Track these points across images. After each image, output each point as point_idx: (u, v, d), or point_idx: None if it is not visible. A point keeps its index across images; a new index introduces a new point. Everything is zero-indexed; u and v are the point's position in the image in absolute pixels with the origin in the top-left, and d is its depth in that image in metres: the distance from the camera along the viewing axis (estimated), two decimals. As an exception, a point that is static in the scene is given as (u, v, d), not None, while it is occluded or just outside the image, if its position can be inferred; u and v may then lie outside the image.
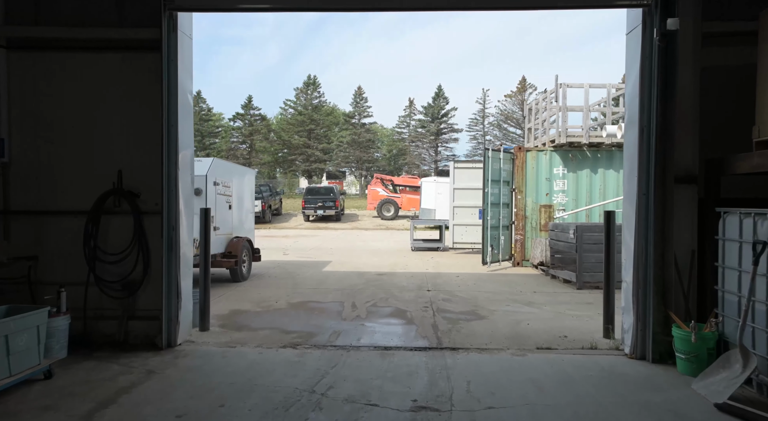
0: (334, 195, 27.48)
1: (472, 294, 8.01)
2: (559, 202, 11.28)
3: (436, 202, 25.05)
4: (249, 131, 53.20)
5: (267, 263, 11.70)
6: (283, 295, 7.84)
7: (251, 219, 10.21)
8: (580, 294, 8.06)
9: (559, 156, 11.29)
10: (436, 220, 15.55)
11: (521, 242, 11.29)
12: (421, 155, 55.21)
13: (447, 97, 53.92)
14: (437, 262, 12.24)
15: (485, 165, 10.70)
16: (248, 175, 10.12)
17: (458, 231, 13.97)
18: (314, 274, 10.13)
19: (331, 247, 15.81)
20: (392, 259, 12.83)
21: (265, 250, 14.61)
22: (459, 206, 14.00)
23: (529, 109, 13.35)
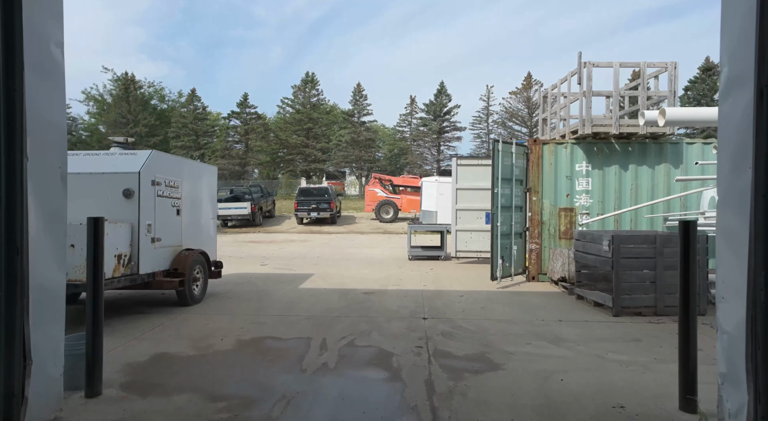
0: (329, 196, 25.71)
1: (481, 324, 6.22)
2: (582, 205, 9.48)
3: (437, 203, 23.22)
4: (245, 130, 51.51)
5: (236, 277, 9.95)
6: (236, 327, 6.07)
7: (211, 227, 8.45)
8: (620, 324, 6.26)
9: (582, 150, 9.49)
10: (436, 225, 13.75)
11: (537, 252, 9.49)
12: (423, 155, 53.40)
13: (450, 94, 52.11)
14: (437, 275, 10.45)
15: (494, 161, 8.92)
16: (207, 174, 8.36)
17: (462, 238, 12.18)
18: (287, 293, 8.36)
19: (318, 255, 14.04)
20: (386, 271, 11.05)
21: (241, 259, 12.96)
22: (463, 209, 12.21)
23: (543, 97, 11.56)
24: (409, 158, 52.78)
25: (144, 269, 6.35)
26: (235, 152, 50.82)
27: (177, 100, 60.39)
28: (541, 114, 11.67)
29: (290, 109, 54.67)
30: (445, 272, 10.92)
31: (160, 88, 61.56)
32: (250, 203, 24.51)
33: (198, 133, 52.85)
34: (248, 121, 52.14)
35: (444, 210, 23.35)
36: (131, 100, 53.42)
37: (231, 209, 24.58)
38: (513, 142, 9.31)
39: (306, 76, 54.36)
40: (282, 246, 16.56)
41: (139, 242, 6.25)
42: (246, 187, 27.51)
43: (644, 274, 6.70)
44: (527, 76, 51.87)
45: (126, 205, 6.24)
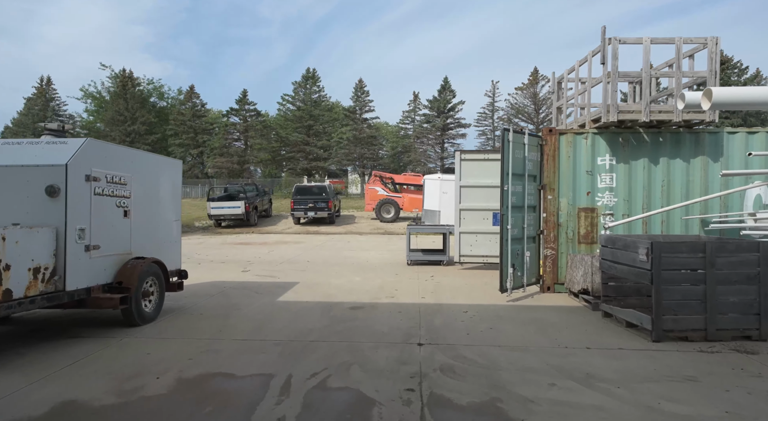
0: (327, 195, 24.49)
1: (489, 354, 4.98)
2: (605, 205, 8.22)
3: (440, 202, 21.95)
4: (244, 127, 50.39)
5: (210, 286, 8.76)
6: (184, 357, 4.86)
7: (173, 230, 7.24)
8: (664, 354, 5.00)
9: (605, 140, 8.23)
10: (438, 226, 12.50)
11: (553, 259, 8.24)
12: (427, 152, 52.10)
13: (454, 90, 50.77)
14: (438, 284, 9.21)
15: (504, 153, 7.66)
16: (168, 169, 7.16)
17: (466, 241, 10.93)
18: (262, 308, 7.14)
19: (309, 259, 12.83)
20: (380, 278, 9.82)
21: (223, 264, 11.78)
22: (467, 209, 10.96)
23: (558, 82, 10.29)
24: (413, 156, 51.48)
25: (73, 284, 5.16)
26: (234, 150, 49.70)
27: (176, 98, 59.42)
28: (555, 102, 10.40)
29: (291, 106, 53.52)
30: (447, 280, 9.68)
31: (159, 86, 60.61)
32: (243, 202, 23.34)
33: (197, 131, 51.78)
34: (247, 118, 51.02)
35: (448, 209, 22.10)
36: (129, 98, 52.40)
37: (224, 209, 23.45)
38: (525, 131, 8.06)
39: (307, 73, 53.22)
40: (272, 248, 15.36)
41: (67, 250, 5.05)
42: (240, 186, 26.34)
43: (691, 289, 5.44)
44: (534, 72, 50.49)
45: (50, 206, 5.04)
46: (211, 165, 48.51)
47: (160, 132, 54.10)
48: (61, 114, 53.45)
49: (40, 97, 51.82)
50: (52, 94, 52.74)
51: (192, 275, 9.99)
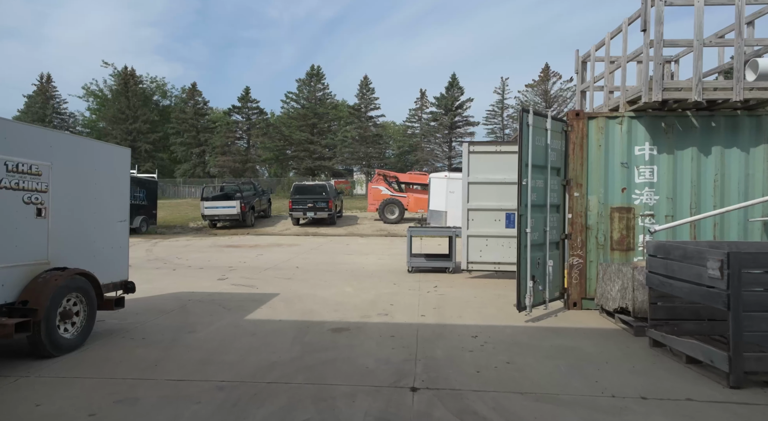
0: (327, 194, 23.13)
1: (509, 407, 3.59)
2: (644, 204, 6.79)
3: (447, 202, 20.63)
4: (246, 126, 49.28)
5: (172, 299, 7.43)
6: (83, 411, 3.52)
7: (115, 234, 5.92)
8: (753, 411, 3.58)
9: (644, 126, 6.80)
10: (443, 228, 11.05)
11: (580, 268, 6.82)
12: (434, 151, 50.64)
13: (462, 87, 49.28)
14: (443, 297, 7.81)
15: (523, 140, 6.25)
16: (108, 157, 5.84)
17: (475, 245, 9.53)
18: (221, 330, 5.80)
19: (299, 264, 11.48)
20: (375, 289, 8.45)
21: (201, 270, 10.44)
22: (477, 209, 9.56)
23: (582, 62, 8.84)
24: (419, 155, 50.05)
25: (-54, 306, 3.84)
26: (236, 149, 48.56)
27: (180, 96, 58.50)
28: (579, 85, 8.96)
29: (295, 104, 52.33)
30: (453, 291, 8.28)
31: (162, 84, 59.75)
32: (239, 202, 22.06)
33: (198, 130, 50.76)
34: (250, 116, 49.90)
35: (455, 210, 20.66)
36: (130, 96, 51.51)
37: (218, 209, 22.21)
38: (548, 114, 6.64)
39: (311, 70, 51.98)
40: (263, 252, 14.04)
41: (-65, 262, 3.73)
42: (237, 185, 25.09)
43: (783, 318, 4.02)
44: (545, 68, 48.86)
45: None
46: (213, 164, 47.42)
47: (162, 131, 53.16)
48: (61, 112, 52.67)
49: (40, 95, 51.05)
50: (53, 92, 51.95)
51: (159, 284, 8.71)
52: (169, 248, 15.05)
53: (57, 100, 52.26)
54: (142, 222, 20.74)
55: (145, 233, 20.55)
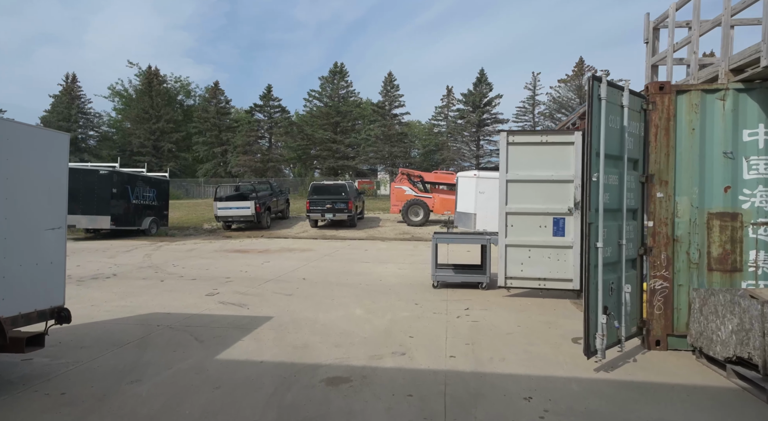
0: (347, 194, 21.61)
1: None
2: (758, 208, 4.97)
3: (476, 204, 18.83)
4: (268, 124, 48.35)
5: (139, 323, 5.98)
6: None
7: (42, 247, 4.46)
8: None
9: (757, 102, 4.99)
10: (474, 235, 9.28)
11: (665, 295, 5.06)
12: (461, 150, 48.69)
13: (490, 83, 47.19)
14: (477, 325, 6.14)
15: (593, 120, 4.53)
16: (28, 143, 4.37)
17: (515, 256, 7.81)
18: (175, 379, 4.28)
19: (306, 275, 9.95)
20: (392, 311, 6.83)
21: (193, 282, 8.73)
22: (517, 212, 7.85)
23: (654, 29, 7.02)
24: (445, 154, 48.20)
25: None
26: (258, 148, 47.67)
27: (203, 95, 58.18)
28: (649, 57, 7.14)
29: (318, 102, 51.17)
30: (489, 316, 6.60)
31: (186, 84, 59.55)
32: (254, 203, 20.76)
33: (221, 129, 50.14)
34: (272, 114, 48.97)
35: (485, 212, 18.85)
36: (154, 95, 51.28)
37: (232, 209, 20.95)
38: (625, 86, 4.90)
39: (334, 67, 50.73)
40: (270, 258, 12.60)
41: None
42: (252, 184, 23.86)
43: None
44: (579, 62, 46.34)
45: None
46: (235, 164, 46.64)
47: (185, 130, 52.83)
48: (86, 112, 52.85)
49: (66, 94, 51.30)
50: (78, 92, 52.16)
51: (135, 301, 7.29)
52: (171, 252, 13.78)
53: (82, 100, 52.46)
54: (152, 223, 19.67)
55: (155, 235, 19.47)
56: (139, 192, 19.12)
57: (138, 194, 19.03)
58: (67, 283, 9.10)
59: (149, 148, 50.04)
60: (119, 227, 18.00)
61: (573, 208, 7.65)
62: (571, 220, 7.65)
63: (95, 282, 8.93)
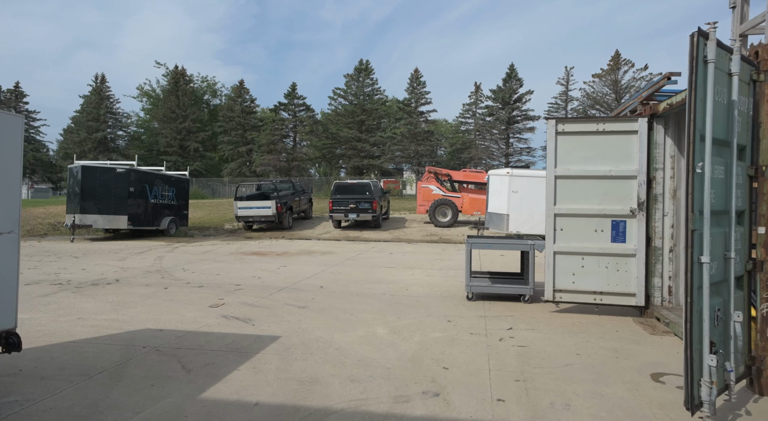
0: (371, 194, 20.62)
1: None
2: None
3: (509, 204, 17.55)
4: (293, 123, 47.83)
5: (123, 344, 5.08)
6: None
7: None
8: None
9: None
10: (514, 241, 8.06)
11: (783, 323, 3.83)
12: (489, 149, 47.14)
13: (521, 78, 45.50)
14: (525, 352, 5.00)
15: (696, 91, 3.37)
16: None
17: (565, 266, 6.64)
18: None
19: (324, 283, 8.96)
20: (421, 330, 5.76)
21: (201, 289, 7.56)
22: (567, 213, 6.67)
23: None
24: (473, 153, 46.73)
25: None
26: (282, 147, 47.19)
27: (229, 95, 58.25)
28: (737, 25, 5.85)
29: (343, 100, 50.40)
30: (539, 338, 5.45)
31: (213, 84, 59.70)
32: (275, 202, 19.97)
33: (245, 128, 49.91)
34: (296, 113, 48.44)
35: (519, 213, 17.55)
36: (180, 94, 51.46)
37: (252, 209, 20.21)
38: (735, 48, 3.70)
39: (360, 64, 49.87)
40: (287, 263, 11.68)
41: None
42: (273, 183, 23.12)
43: None
44: (615, 56, 44.19)
45: None
46: (259, 163, 46.28)
47: (210, 129, 52.86)
48: (115, 112, 53.43)
49: (95, 95, 51.97)
50: (107, 92, 52.78)
51: (129, 313, 6.42)
52: (185, 255, 13.03)
53: (111, 100, 53.06)
54: (170, 223, 19.08)
55: (174, 235, 18.88)
56: (158, 191, 18.55)
57: (156, 193, 18.46)
58: (64, 290, 8.39)
59: (176, 147, 50.21)
60: (137, 227, 17.46)
61: (636, 209, 6.44)
62: (634, 223, 6.44)
63: (93, 289, 8.15)
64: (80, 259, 12.08)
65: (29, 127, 56.05)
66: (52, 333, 5.51)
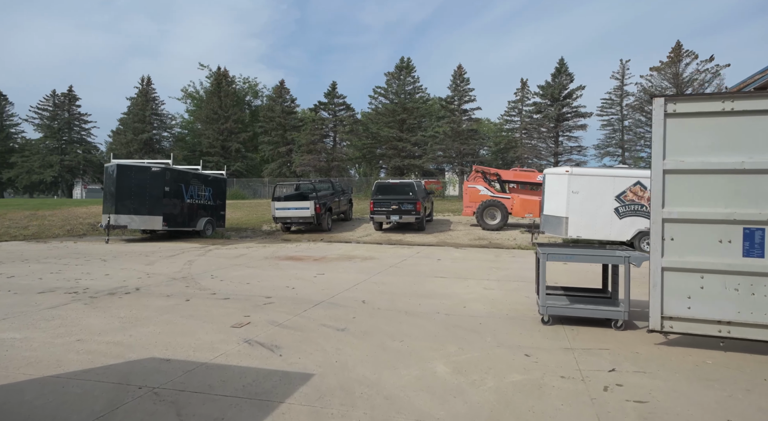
0: (415, 194, 19.32)
1: None
2: None
3: (568, 206, 15.81)
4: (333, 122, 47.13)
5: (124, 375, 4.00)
6: None
7: None
8: None
9: None
10: (601, 252, 6.51)
11: None
12: (537, 148, 44.87)
13: (571, 73, 43.01)
14: (648, 415, 3.57)
15: None
16: None
17: (679, 286, 5.13)
18: None
19: (366, 296, 7.73)
20: (493, 370, 4.43)
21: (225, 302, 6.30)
22: (681, 219, 5.16)
23: None
24: (519, 152, 44.61)
25: None
26: (322, 147, 46.55)
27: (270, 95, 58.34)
28: None
29: (383, 99, 49.32)
30: (659, 390, 4.01)
31: (254, 84, 59.96)
32: (313, 203, 19.01)
33: (285, 128, 49.64)
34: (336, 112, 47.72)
35: (580, 215, 15.72)
36: (222, 96, 51.80)
37: (290, 210, 19.33)
38: None
39: (401, 62, 48.67)
40: (324, 270, 10.55)
41: None
42: (312, 183, 22.20)
43: None
44: (675, 47, 41.05)
45: None
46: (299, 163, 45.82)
47: (252, 130, 52.97)
48: (159, 113, 54.40)
49: (141, 96, 53.05)
50: (152, 94, 53.81)
51: (137, 333, 5.32)
52: (216, 259, 12.14)
53: (156, 102, 54.06)
54: (207, 224, 18.42)
55: (210, 236, 18.20)
56: (194, 191, 17.92)
57: (192, 193, 17.83)
58: (77, 300, 7.50)
59: (218, 148, 50.54)
60: (171, 227, 16.84)
61: (779, 213, 4.86)
62: (776, 232, 4.87)
63: (108, 300, 7.23)
64: (108, 262, 11.37)
65: (81, 129, 57.98)
66: (38, 362, 4.52)
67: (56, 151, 55.38)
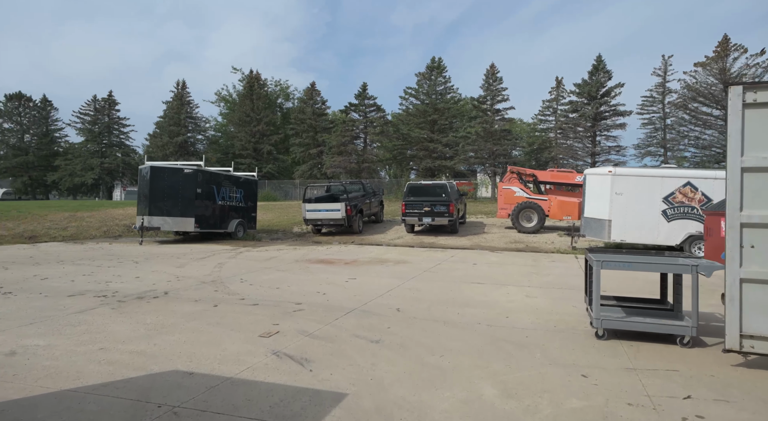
0: (448, 196, 18.77)
1: None
2: None
3: (611, 208, 14.97)
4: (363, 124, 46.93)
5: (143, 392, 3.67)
6: None
7: None
8: None
9: None
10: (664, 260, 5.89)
11: None
12: (573, 147, 43.47)
13: (609, 70, 41.49)
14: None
15: None
16: None
17: (760, 299, 4.49)
18: None
19: (399, 304, 7.29)
20: (549, 397, 3.91)
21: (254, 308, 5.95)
22: (761, 224, 4.52)
23: None
24: (554, 152, 43.32)
25: None
26: (352, 148, 46.40)
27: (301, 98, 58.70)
28: None
29: (414, 99, 48.83)
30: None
31: (286, 87, 60.46)
32: (344, 205, 18.72)
33: (316, 130, 49.76)
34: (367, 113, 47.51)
35: (623, 218, 14.85)
36: (255, 98, 52.38)
37: (321, 212, 19.09)
38: None
39: (432, 62, 48.07)
40: (358, 273, 10.18)
41: None
42: (342, 184, 21.93)
43: None
44: (722, 41, 39.03)
45: None
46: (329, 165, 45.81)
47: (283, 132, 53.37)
48: (194, 117, 55.46)
49: (177, 100, 54.20)
50: (187, 98, 54.91)
51: (162, 341, 5.03)
52: (247, 262, 11.94)
53: (191, 105, 55.16)
54: (238, 226, 18.36)
55: (241, 238, 18.13)
56: (225, 192, 17.89)
57: (224, 195, 17.80)
58: (105, 304, 7.32)
59: (250, 150, 51.12)
60: (203, 229, 16.84)
61: None
62: None
63: (136, 304, 7.03)
64: (140, 264, 11.32)
65: (120, 133, 59.79)
66: (57, 373, 4.28)
67: (97, 154, 57.26)
